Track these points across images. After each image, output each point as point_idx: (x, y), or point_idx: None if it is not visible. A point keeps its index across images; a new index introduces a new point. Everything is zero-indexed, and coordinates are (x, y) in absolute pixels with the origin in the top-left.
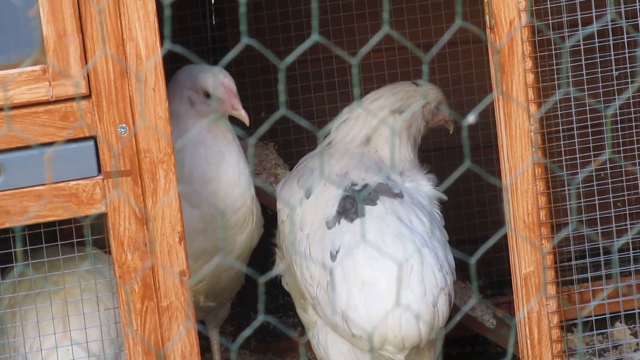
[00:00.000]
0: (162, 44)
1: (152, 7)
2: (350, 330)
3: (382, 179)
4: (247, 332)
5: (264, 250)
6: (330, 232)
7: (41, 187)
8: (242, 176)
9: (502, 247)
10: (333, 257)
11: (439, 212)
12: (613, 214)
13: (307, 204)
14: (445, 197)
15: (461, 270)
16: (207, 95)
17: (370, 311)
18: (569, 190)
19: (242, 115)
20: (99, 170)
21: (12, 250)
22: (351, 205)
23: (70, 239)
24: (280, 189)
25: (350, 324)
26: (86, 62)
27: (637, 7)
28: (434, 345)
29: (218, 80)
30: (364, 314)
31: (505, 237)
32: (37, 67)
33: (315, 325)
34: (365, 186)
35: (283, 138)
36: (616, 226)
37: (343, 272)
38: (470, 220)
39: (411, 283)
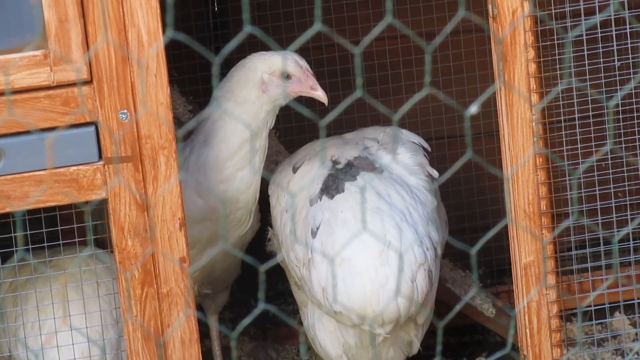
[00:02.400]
0: (163, 30)
1: None
2: (331, 306)
3: (360, 152)
4: (247, 320)
5: (265, 239)
6: (312, 209)
7: (41, 172)
8: (255, 182)
9: (502, 236)
10: (313, 233)
11: (425, 177)
12: (613, 205)
13: (293, 183)
14: (427, 146)
15: (461, 259)
16: (285, 77)
17: (349, 287)
18: (570, 180)
19: (320, 95)
20: (100, 156)
21: (13, 234)
22: (333, 183)
23: (70, 224)
24: (274, 173)
25: (331, 301)
26: (87, 47)
27: None
28: (420, 327)
29: (295, 62)
30: (343, 290)
31: (505, 225)
32: (38, 52)
33: (306, 305)
34: (348, 164)
35: (284, 125)
36: (616, 216)
37: (322, 249)
38: (470, 209)
39: (389, 259)
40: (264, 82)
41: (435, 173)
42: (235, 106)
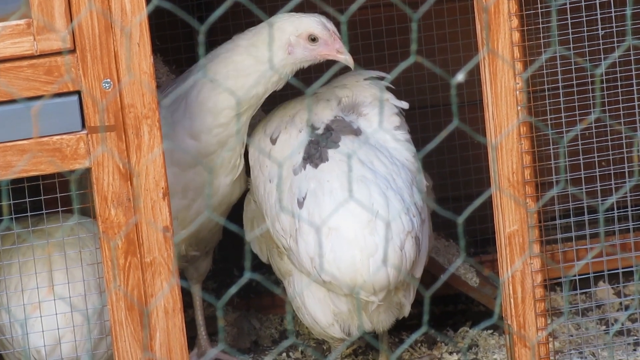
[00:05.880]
0: None
1: None
2: (321, 276)
3: (335, 111)
4: (233, 289)
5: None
6: (297, 178)
7: (25, 142)
8: (244, 130)
9: (486, 205)
10: (300, 204)
11: (399, 130)
12: (597, 174)
13: (274, 154)
14: (384, 75)
15: (444, 228)
16: (312, 39)
17: (338, 257)
18: (554, 149)
19: (347, 59)
20: (83, 125)
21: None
22: (315, 150)
23: (53, 193)
24: (252, 140)
25: (320, 270)
26: (71, 16)
27: None
28: (409, 289)
29: (322, 25)
30: (332, 259)
31: (489, 195)
32: (22, 21)
33: (290, 274)
34: (327, 128)
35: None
36: (600, 185)
37: (310, 219)
38: (454, 179)
39: (377, 227)
40: (291, 43)
41: (404, 104)
42: (256, 63)
